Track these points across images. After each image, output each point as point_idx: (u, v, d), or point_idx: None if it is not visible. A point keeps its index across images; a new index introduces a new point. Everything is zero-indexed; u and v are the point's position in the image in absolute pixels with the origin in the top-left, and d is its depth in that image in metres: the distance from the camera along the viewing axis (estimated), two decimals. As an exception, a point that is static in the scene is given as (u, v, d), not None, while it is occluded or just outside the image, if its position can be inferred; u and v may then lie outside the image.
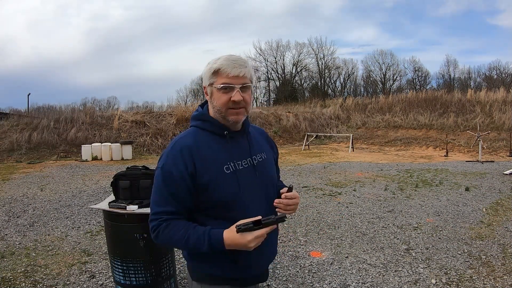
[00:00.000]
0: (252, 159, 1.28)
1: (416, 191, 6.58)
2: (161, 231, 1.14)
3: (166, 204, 1.15)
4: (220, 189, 1.17)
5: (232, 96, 1.16)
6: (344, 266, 3.33)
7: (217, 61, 1.18)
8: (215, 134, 1.23)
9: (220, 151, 1.21)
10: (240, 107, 1.19)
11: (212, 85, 1.19)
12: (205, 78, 1.21)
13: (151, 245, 2.36)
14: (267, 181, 1.31)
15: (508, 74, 33.61)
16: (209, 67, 1.19)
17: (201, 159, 1.17)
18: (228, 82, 1.16)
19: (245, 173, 1.23)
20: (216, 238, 1.11)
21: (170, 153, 1.19)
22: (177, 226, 1.14)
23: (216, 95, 1.19)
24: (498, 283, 2.92)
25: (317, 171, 9.20)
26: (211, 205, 1.19)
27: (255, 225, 1.10)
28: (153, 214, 1.16)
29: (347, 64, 38.78)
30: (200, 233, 1.12)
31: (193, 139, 1.21)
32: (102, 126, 15.30)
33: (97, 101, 36.42)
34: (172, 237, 1.13)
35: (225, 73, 1.16)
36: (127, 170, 2.55)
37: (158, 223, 1.15)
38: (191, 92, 39.57)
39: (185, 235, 1.12)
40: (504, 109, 16.72)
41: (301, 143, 17.17)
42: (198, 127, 1.26)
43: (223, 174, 1.18)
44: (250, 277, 1.27)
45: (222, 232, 1.11)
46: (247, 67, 1.19)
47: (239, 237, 1.09)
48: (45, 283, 2.96)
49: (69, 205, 5.70)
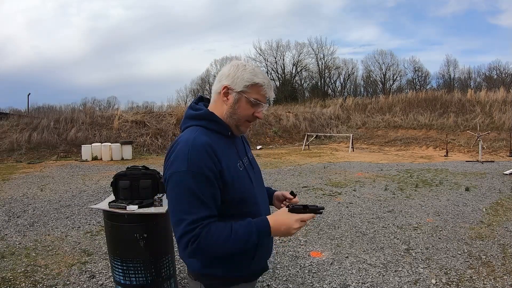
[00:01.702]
0: (248, 157, 1.34)
1: (416, 191, 6.58)
2: (203, 239, 1.04)
3: (201, 209, 1.07)
4: (240, 185, 1.18)
5: (256, 112, 1.22)
6: (344, 266, 3.33)
7: (256, 74, 1.19)
8: (221, 134, 1.23)
9: (230, 150, 1.23)
10: (254, 122, 1.27)
11: (243, 93, 1.19)
12: (238, 82, 1.18)
13: (151, 245, 2.36)
14: (260, 177, 1.40)
15: (508, 74, 33.60)
16: (249, 76, 1.18)
17: (222, 156, 1.15)
18: (261, 100, 1.21)
19: (249, 170, 1.28)
20: (263, 224, 1.10)
21: (193, 153, 1.09)
22: (218, 228, 1.07)
23: (244, 105, 1.20)
24: (498, 283, 2.92)
25: (317, 171, 9.20)
26: (232, 203, 1.17)
27: (303, 208, 1.14)
28: (188, 225, 1.04)
29: (347, 64, 38.83)
30: (245, 224, 1.09)
31: (207, 137, 1.17)
32: (102, 126, 15.30)
33: (97, 101, 36.39)
34: (218, 240, 1.05)
35: (263, 90, 1.20)
36: (127, 170, 2.55)
37: (197, 231, 1.04)
38: (191, 92, 39.63)
39: (232, 232, 1.06)
40: (504, 109, 16.72)
41: (301, 143, 17.17)
42: (203, 126, 1.22)
43: (238, 171, 1.21)
44: (260, 269, 1.31)
45: (265, 218, 1.13)
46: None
47: (286, 217, 1.11)
48: (45, 283, 2.96)
49: (69, 205, 5.70)
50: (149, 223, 2.35)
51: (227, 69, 1.22)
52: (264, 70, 26.56)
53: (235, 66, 1.21)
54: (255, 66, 1.24)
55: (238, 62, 1.23)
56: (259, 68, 1.24)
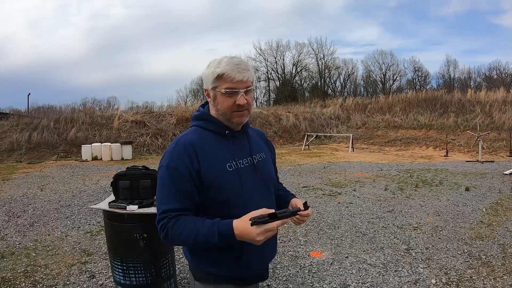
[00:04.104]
0: (252, 158, 1.30)
1: (416, 191, 6.58)
2: (170, 229, 1.12)
3: (173, 202, 1.14)
4: (223, 186, 1.18)
5: (236, 100, 1.18)
6: (344, 266, 3.33)
7: (219, 65, 1.17)
8: (217, 133, 1.25)
9: (222, 150, 1.23)
10: (244, 109, 1.22)
11: (215, 89, 1.20)
12: (207, 81, 1.21)
13: (151, 245, 2.36)
14: (267, 180, 1.34)
15: (508, 74, 33.61)
16: (212, 70, 1.18)
17: (204, 156, 1.18)
18: (232, 86, 1.17)
19: (246, 172, 1.25)
20: (226, 228, 1.09)
21: (174, 150, 1.19)
22: (186, 222, 1.13)
23: (220, 99, 1.20)
24: (498, 283, 2.92)
25: (317, 171, 9.20)
26: (214, 203, 1.19)
27: (271, 218, 1.07)
28: (161, 214, 1.15)
29: (347, 64, 38.84)
30: (210, 224, 1.11)
31: (196, 136, 1.23)
32: (102, 126, 15.30)
33: (97, 101, 36.46)
34: (182, 232, 1.11)
35: (229, 78, 1.16)
36: (127, 170, 2.55)
37: (166, 221, 1.13)
38: (191, 92, 39.65)
39: (195, 229, 1.10)
40: (504, 109, 16.73)
41: (301, 143, 17.17)
42: (199, 126, 1.27)
43: (225, 171, 1.20)
44: (252, 275, 1.29)
45: (232, 221, 1.10)
46: (249, 71, 1.20)
47: (250, 230, 1.06)
48: (45, 283, 2.96)
49: (69, 205, 5.70)
50: (149, 223, 2.35)
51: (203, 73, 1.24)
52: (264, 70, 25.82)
53: (206, 67, 1.22)
54: (224, 57, 1.20)
55: (210, 61, 1.22)
56: (229, 57, 1.20)
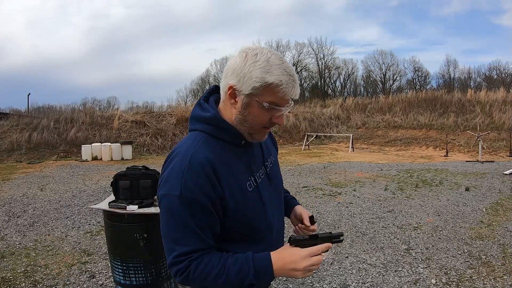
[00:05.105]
0: (265, 166, 1.13)
1: (416, 191, 6.58)
2: (192, 272, 0.92)
3: (193, 241, 0.93)
4: (247, 210, 1.00)
5: (275, 118, 0.97)
6: (344, 266, 3.33)
7: (271, 71, 0.91)
8: (230, 143, 1.02)
9: (239, 165, 1.02)
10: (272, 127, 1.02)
11: (254, 97, 0.93)
12: (246, 82, 0.93)
13: (151, 245, 2.36)
14: (279, 186, 1.21)
15: (508, 74, 33.59)
16: (260, 75, 0.91)
17: (225, 177, 0.96)
18: (280, 103, 0.94)
19: (264, 186, 1.08)
20: (264, 263, 0.92)
21: (189, 175, 0.92)
22: (211, 261, 0.93)
23: (257, 111, 0.95)
24: (498, 283, 2.92)
25: (317, 171, 9.20)
26: (235, 229, 1.01)
27: (312, 239, 0.94)
28: (178, 256, 0.93)
29: (347, 64, 38.82)
30: (242, 260, 0.93)
31: (210, 150, 0.97)
32: (102, 126, 15.31)
33: (97, 101, 36.42)
34: (208, 275, 0.92)
35: (281, 92, 0.92)
36: (127, 170, 2.55)
37: (186, 264, 0.92)
38: (191, 92, 39.63)
39: (224, 269, 0.92)
40: (504, 109, 16.72)
41: (301, 143, 17.17)
42: (209, 134, 1.01)
43: (247, 193, 1.01)
44: None
45: (269, 253, 0.93)
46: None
47: (292, 253, 0.91)
48: (45, 283, 2.96)
49: (69, 205, 5.70)
50: (149, 223, 2.35)
51: (233, 61, 0.96)
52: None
53: (242, 58, 0.94)
54: (271, 55, 0.93)
55: (248, 51, 0.95)
56: (278, 58, 0.94)
